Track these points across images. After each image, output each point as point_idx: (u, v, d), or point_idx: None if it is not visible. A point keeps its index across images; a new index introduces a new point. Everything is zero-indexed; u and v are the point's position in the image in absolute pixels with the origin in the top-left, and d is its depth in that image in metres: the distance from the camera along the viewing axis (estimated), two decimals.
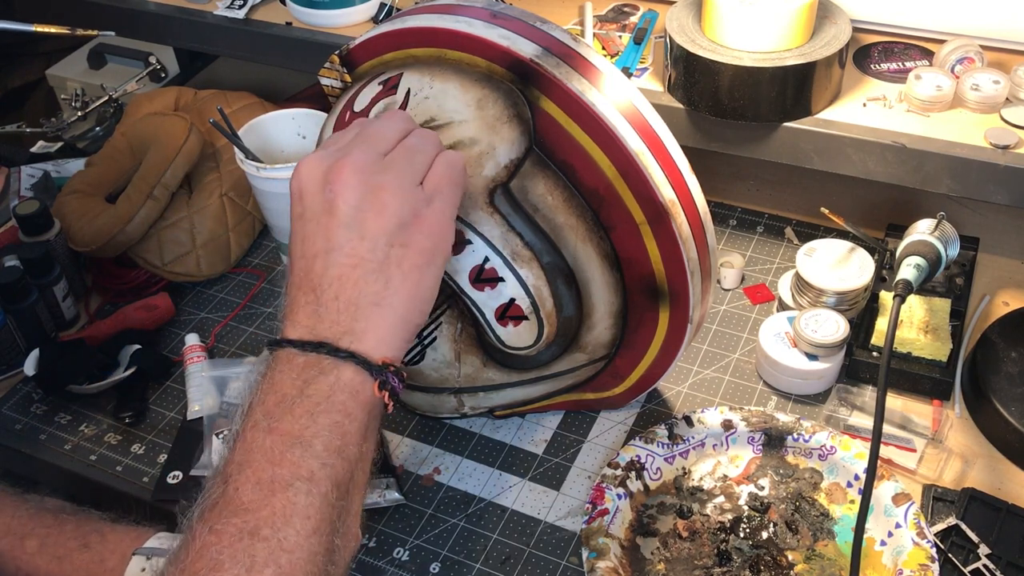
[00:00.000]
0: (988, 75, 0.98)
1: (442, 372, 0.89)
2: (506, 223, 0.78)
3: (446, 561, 0.86)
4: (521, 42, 0.78)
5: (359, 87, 0.85)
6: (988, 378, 0.93)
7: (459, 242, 0.78)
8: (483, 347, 0.87)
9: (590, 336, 0.85)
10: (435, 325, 0.86)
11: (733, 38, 0.98)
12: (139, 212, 1.08)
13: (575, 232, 0.79)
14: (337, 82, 0.90)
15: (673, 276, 0.81)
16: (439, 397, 0.92)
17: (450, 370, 0.88)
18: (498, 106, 0.77)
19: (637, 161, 0.76)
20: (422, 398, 0.93)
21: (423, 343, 0.87)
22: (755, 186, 1.21)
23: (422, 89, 0.79)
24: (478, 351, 0.87)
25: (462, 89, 0.78)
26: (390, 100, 0.81)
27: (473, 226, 0.77)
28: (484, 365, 0.88)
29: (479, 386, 0.90)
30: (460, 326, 0.85)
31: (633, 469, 0.88)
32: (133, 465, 0.95)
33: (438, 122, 0.78)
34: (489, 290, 0.79)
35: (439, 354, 0.87)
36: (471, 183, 0.77)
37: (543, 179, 0.78)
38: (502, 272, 0.78)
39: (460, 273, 0.79)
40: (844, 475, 0.88)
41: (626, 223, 0.79)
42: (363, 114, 0.83)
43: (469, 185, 0.76)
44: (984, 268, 1.10)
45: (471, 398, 0.92)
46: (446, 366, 0.88)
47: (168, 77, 1.52)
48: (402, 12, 0.87)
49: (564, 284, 0.81)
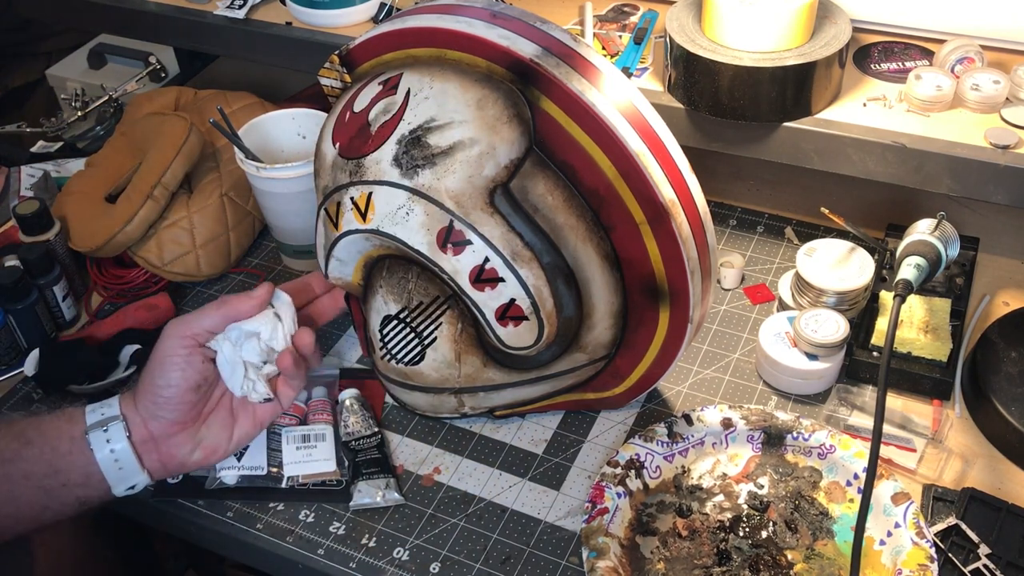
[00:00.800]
0: (988, 75, 0.98)
1: (442, 372, 0.89)
2: (506, 223, 0.78)
3: (446, 561, 0.86)
4: (521, 42, 0.78)
5: (359, 87, 0.85)
6: (988, 378, 0.93)
7: (459, 242, 0.78)
8: (483, 347, 0.87)
9: (590, 336, 0.85)
10: (435, 325, 0.86)
11: (733, 38, 0.98)
12: (139, 212, 1.08)
13: (575, 232, 0.79)
14: (337, 82, 0.90)
15: (673, 276, 0.81)
16: (439, 397, 0.92)
17: (450, 370, 0.88)
18: (498, 106, 0.77)
19: (637, 161, 0.76)
20: (422, 398, 0.93)
21: (423, 343, 0.87)
22: (755, 186, 1.21)
23: (422, 89, 0.79)
24: (478, 351, 0.87)
25: (462, 89, 0.78)
26: (390, 100, 0.81)
27: (473, 226, 0.77)
28: (484, 365, 0.88)
29: (479, 386, 0.90)
30: (460, 326, 0.85)
31: (633, 467, 0.88)
32: None
33: (438, 122, 0.78)
34: (489, 290, 0.79)
35: (439, 354, 0.87)
36: (471, 183, 0.77)
37: (543, 179, 0.78)
38: (502, 272, 0.78)
39: (460, 273, 0.79)
40: (843, 474, 0.88)
41: (626, 223, 0.79)
42: (363, 114, 0.83)
43: (469, 185, 0.76)
44: (984, 268, 1.10)
45: (471, 398, 0.92)
46: (446, 366, 0.88)
47: (168, 77, 1.52)
48: (402, 12, 0.87)
49: (564, 284, 0.81)
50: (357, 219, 0.82)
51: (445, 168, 0.78)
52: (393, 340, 0.89)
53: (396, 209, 0.79)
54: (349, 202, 0.82)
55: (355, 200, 0.82)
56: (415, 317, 0.86)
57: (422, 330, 0.87)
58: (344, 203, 0.83)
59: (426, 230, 0.79)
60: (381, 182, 0.80)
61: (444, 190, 0.78)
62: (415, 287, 0.85)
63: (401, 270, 0.85)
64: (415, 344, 0.88)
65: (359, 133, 0.83)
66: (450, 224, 0.78)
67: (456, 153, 0.77)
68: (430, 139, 0.78)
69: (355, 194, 0.82)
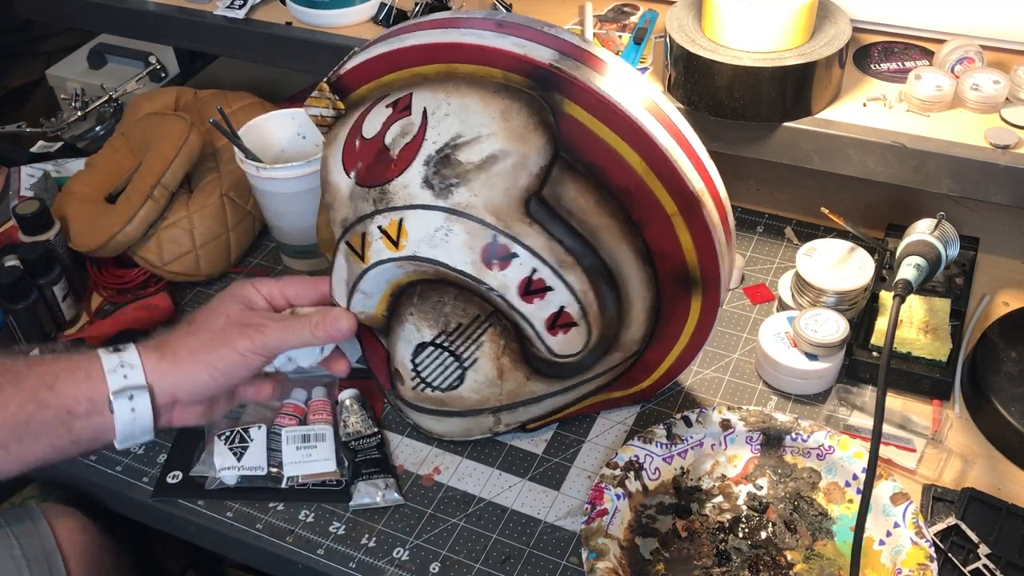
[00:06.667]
0: (988, 75, 0.98)
1: (483, 392, 0.87)
2: (546, 232, 0.77)
3: (446, 561, 0.86)
4: (536, 48, 0.78)
5: (363, 112, 0.83)
6: (988, 378, 0.93)
7: (505, 256, 0.77)
8: (527, 361, 0.85)
9: (627, 335, 0.86)
10: (476, 345, 0.84)
11: (733, 38, 0.98)
12: (139, 212, 1.08)
13: (609, 232, 0.79)
14: (328, 110, 0.86)
15: (705, 262, 0.82)
16: (476, 419, 0.90)
17: (492, 389, 0.86)
18: (523, 115, 0.76)
19: (667, 155, 0.77)
20: (457, 424, 0.91)
21: (463, 366, 0.85)
22: (755, 186, 1.21)
23: (440, 107, 0.78)
24: (522, 366, 0.85)
25: (483, 103, 0.77)
26: (406, 122, 0.79)
27: (517, 238, 0.76)
28: (527, 379, 0.86)
29: (520, 401, 0.88)
30: (503, 343, 0.83)
31: (632, 469, 0.88)
32: (133, 465, 0.95)
33: (465, 138, 0.76)
34: (538, 301, 0.78)
35: (480, 374, 0.85)
36: (508, 195, 0.76)
37: (573, 183, 0.78)
38: (550, 281, 0.78)
39: (508, 288, 0.78)
40: (842, 474, 0.88)
41: (658, 217, 0.80)
42: (378, 139, 0.80)
43: (506, 198, 0.76)
44: (984, 268, 1.10)
45: (510, 414, 0.90)
46: (488, 385, 0.86)
47: (168, 77, 1.52)
48: (392, 32, 0.84)
49: (606, 285, 0.81)
50: (388, 247, 0.79)
51: (480, 183, 0.76)
52: (428, 367, 0.86)
53: (433, 232, 0.77)
54: (377, 231, 0.79)
55: (384, 228, 0.79)
56: (454, 340, 0.84)
57: (461, 352, 0.84)
58: (370, 233, 0.79)
59: (468, 248, 0.77)
60: (412, 206, 0.77)
61: (483, 206, 0.76)
62: (452, 309, 0.83)
63: (436, 294, 0.82)
64: (454, 368, 0.85)
65: (378, 159, 0.80)
66: (493, 239, 0.77)
67: (490, 167, 0.76)
68: (460, 156, 0.76)
69: (383, 222, 0.79)
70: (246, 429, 0.93)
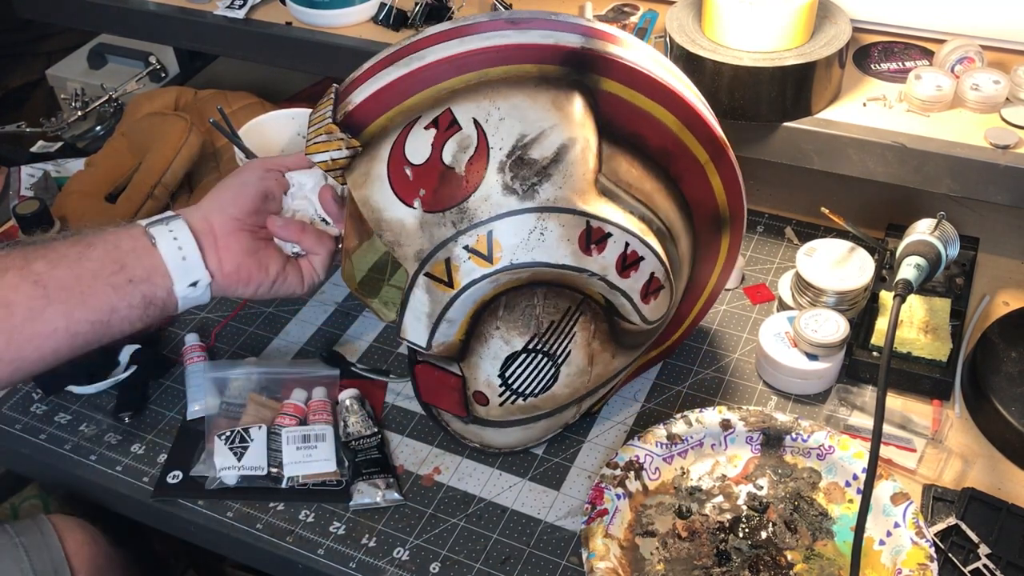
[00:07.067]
0: (988, 75, 0.98)
1: (574, 384, 0.86)
2: (620, 206, 0.79)
3: (446, 561, 0.86)
4: (563, 35, 0.79)
5: (396, 141, 0.79)
6: (988, 378, 0.93)
7: (600, 239, 0.77)
8: (613, 339, 0.86)
9: (679, 286, 0.89)
10: (569, 338, 0.83)
11: (733, 38, 0.98)
12: (139, 212, 1.08)
13: (660, 194, 0.83)
14: (341, 152, 0.80)
15: (733, 200, 0.89)
16: (561, 415, 0.90)
17: (583, 378, 0.86)
18: (571, 101, 0.78)
19: (696, 109, 0.82)
20: (542, 426, 0.90)
21: (556, 363, 0.84)
22: (755, 186, 1.21)
23: (490, 114, 0.77)
24: (609, 345, 0.86)
25: (530, 99, 0.77)
26: (460, 137, 0.77)
27: (605, 219, 0.77)
28: (613, 357, 0.87)
29: (603, 382, 0.90)
30: (594, 326, 0.83)
31: (632, 469, 0.88)
32: (133, 465, 0.95)
33: (531, 136, 0.76)
34: (634, 273, 0.80)
35: (572, 367, 0.85)
36: (585, 180, 0.77)
37: (621, 157, 0.80)
38: (641, 251, 0.80)
39: (609, 268, 0.79)
40: (842, 474, 0.88)
41: (693, 168, 0.85)
42: (433, 162, 0.77)
43: (584, 182, 0.77)
44: (984, 268, 1.10)
45: (591, 398, 0.91)
46: (579, 375, 0.86)
47: (168, 77, 1.52)
48: (397, 55, 0.81)
49: (671, 243, 0.84)
50: (480, 264, 0.76)
51: (561, 175, 0.76)
52: (520, 376, 0.84)
53: (528, 235, 0.76)
54: (463, 252, 0.76)
55: (471, 247, 0.76)
56: (547, 340, 0.82)
57: (555, 350, 0.83)
58: (456, 256, 0.76)
59: (566, 241, 0.76)
60: (499, 216, 0.76)
61: (570, 196, 0.76)
62: (543, 310, 0.81)
63: (523, 300, 0.80)
64: (548, 368, 0.84)
65: (443, 180, 0.77)
66: (587, 225, 0.77)
67: (564, 157, 0.76)
68: (533, 154, 0.76)
69: (468, 241, 0.76)
70: (246, 429, 0.93)
